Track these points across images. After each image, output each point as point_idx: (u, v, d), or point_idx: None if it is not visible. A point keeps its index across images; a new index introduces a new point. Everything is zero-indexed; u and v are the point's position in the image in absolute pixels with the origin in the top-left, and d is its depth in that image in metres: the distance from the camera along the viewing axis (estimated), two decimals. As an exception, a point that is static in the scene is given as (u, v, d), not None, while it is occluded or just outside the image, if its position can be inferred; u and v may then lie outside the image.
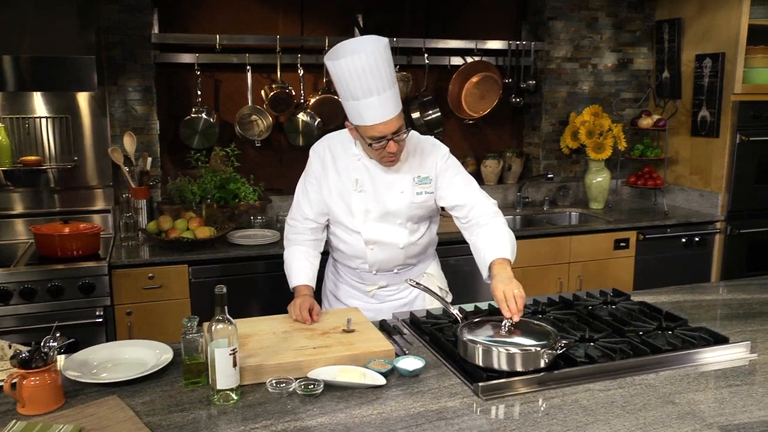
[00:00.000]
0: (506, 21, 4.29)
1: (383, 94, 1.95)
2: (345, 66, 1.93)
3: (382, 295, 2.34)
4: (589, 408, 1.57)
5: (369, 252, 2.23)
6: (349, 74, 1.93)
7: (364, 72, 1.92)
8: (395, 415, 1.53)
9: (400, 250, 2.24)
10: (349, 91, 1.97)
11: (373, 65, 1.92)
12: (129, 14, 3.39)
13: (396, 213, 2.19)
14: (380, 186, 2.17)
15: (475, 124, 4.25)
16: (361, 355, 1.77)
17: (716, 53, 3.88)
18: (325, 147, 2.24)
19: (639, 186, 4.24)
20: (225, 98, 3.78)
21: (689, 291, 2.48)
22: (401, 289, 2.35)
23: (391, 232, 2.21)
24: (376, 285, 2.32)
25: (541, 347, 1.73)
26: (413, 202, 2.19)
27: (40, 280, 2.83)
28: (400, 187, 2.17)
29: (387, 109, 1.97)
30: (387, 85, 1.95)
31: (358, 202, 2.18)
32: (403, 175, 2.18)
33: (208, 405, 1.59)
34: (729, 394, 1.64)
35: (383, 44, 1.95)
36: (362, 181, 2.17)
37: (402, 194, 2.17)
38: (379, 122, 1.97)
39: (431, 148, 2.22)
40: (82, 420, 1.50)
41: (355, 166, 2.18)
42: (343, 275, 2.39)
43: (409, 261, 2.31)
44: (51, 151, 3.38)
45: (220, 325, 1.58)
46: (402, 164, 2.17)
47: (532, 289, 3.55)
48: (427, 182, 2.19)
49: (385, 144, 2.02)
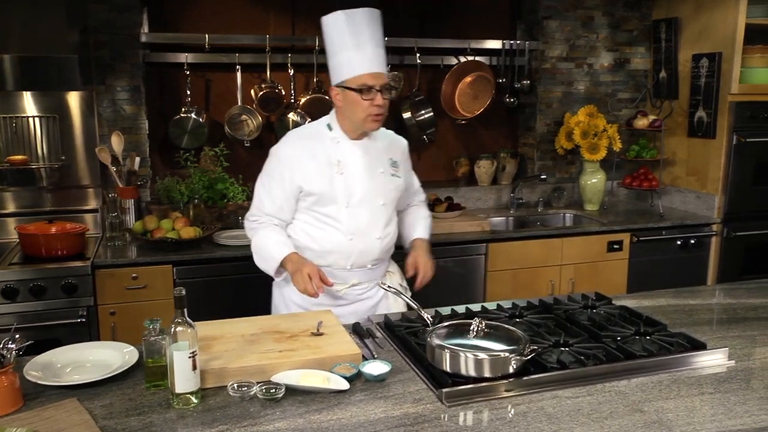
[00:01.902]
0: (501, 20, 4.25)
1: (376, 49, 2.10)
2: (343, 16, 2.09)
3: (352, 294, 2.31)
4: (554, 415, 1.53)
5: (348, 243, 2.22)
6: (346, 24, 2.08)
7: (360, 24, 2.09)
8: (354, 421, 1.50)
9: (377, 240, 2.26)
10: (344, 42, 2.09)
11: (369, 21, 2.11)
12: (118, 14, 3.39)
13: (378, 193, 2.24)
14: (362, 166, 2.22)
15: (469, 125, 4.21)
16: (327, 359, 1.74)
17: (713, 53, 3.82)
18: (294, 139, 2.27)
19: (634, 187, 4.18)
20: (215, 98, 3.76)
21: (674, 295, 2.44)
22: (370, 288, 2.33)
23: (370, 220, 2.24)
24: (349, 283, 2.28)
25: (509, 353, 1.69)
26: (390, 182, 2.29)
27: (22, 279, 2.83)
28: (380, 166, 2.27)
29: (379, 62, 2.11)
30: (380, 43, 2.12)
31: (341, 184, 2.20)
32: (380, 154, 2.28)
33: (167, 408, 1.57)
34: (700, 402, 1.60)
35: (378, 13, 2.16)
36: (344, 163, 2.21)
37: (382, 173, 2.27)
38: (372, 71, 2.08)
39: (395, 136, 2.40)
40: (38, 423, 1.48)
41: (334, 149, 2.21)
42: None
43: (382, 255, 2.32)
44: (39, 151, 3.37)
45: (180, 327, 1.56)
46: (377, 145, 2.27)
47: (522, 292, 3.55)
48: (397, 166, 2.33)
49: (374, 96, 2.09)
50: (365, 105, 2.10)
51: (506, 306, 2.24)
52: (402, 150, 2.39)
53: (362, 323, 2.11)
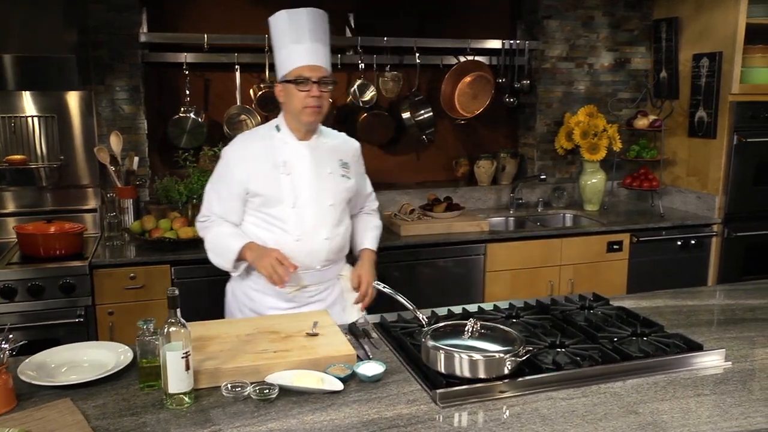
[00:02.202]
0: (501, 20, 4.25)
1: (317, 44, 2.14)
2: (285, 14, 2.15)
3: (303, 297, 2.28)
4: (548, 417, 1.52)
5: (295, 244, 2.20)
6: (287, 22, 2.14)
7: (301, 21, 2.14)
8: (347, 422, 1.50)
9: (325, 241, 2.24)
10: (284, 38, 2.14)
11: (311, 19, 2.15)
12: (117, 13, 3.39)
13: (326, 194, 2.24)
14: (309, 167, 2.23)
15: (468, 125, 4.20)
16: (321, 360, 1.74)
17: (713, 53, 3.81)
18: (242, 141, 2.29)
19: (635, 188, 4.17)
20: (214, 98, 3.76)
21: (672, 296, 2.42)
22: (321, 290, 2.31)
23: (317, 220, 2.23)
24: (298, 285, 2.26)
25: (504, 353, 1.69)
26: (340, 183, 2.28)
27: (20, 279, 2.83)
28: (328, 167, 2.27)
29: (318, 57, 2.14)
30: (322, 40, 2.16)
31: (287, 185, 2.19)
32: (329, 155, 2.28)
33: (160, 409, 1.57)
34: (695, 404, 1.59)
35: (321, 12, 2.20)
36: (290, 164, 2.21)
37: (330, 174, 2.27)
38: (309, 63, 2.12)
39: (348, 139, 2.41)
40: (30, 423, 1.48)
41: (282, 150, 2.22)
42: (258, 282, 2.28)
43: (331, 256, 2.30)
44: (38, 150, 3.38)
45: (173, 327, 1.56)
46: (325, 146, 2.28)
47: (522, 292, 3.54)
48: (347, 167, 2.33)
49: (310, 87, 2.11)
50: (301, 96, 2.12)
51: (503, 307, 2.23)
52: (353, 152, 2.39)
53: (358, 323, 2.11)
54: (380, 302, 2.28)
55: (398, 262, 3.40)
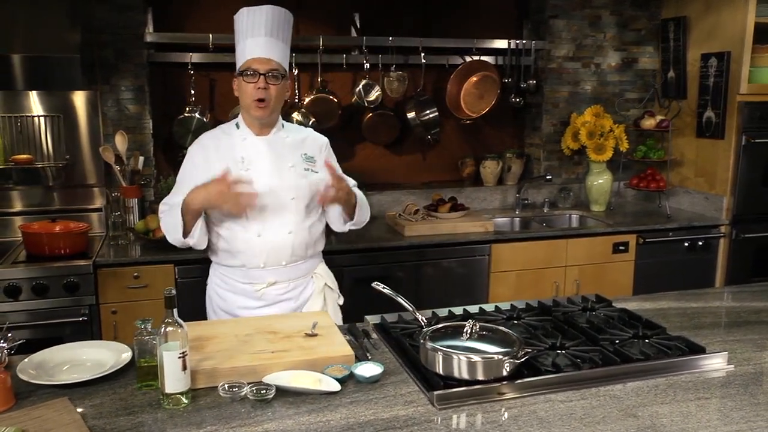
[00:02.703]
0: (507, 20, 4.23)
1: (270, 38, 2.13)
2: (246, 11, 2.15)
3: (272, 294, 2.25)
4: (545, 419, 1.51)
5: (256, 240, 2.17)
6: (246, 17, 2.14)
7: (260, 17, 2.14)
8: (343, 423, 1.49)
9: (288, 235, 2.21)
10: (241, 33, 2.15)
11: (270, 16, 2.15)
12: (122, 14, 3.40)
13: (287, 188, 2.20)
14: (268, 161, 2.21)
15: (474, 125, 4.19)
16: (319, 360, 1.73)
17: (722, 52, 3.77)
18: (205, 139, 2.28)
19: (641, 188, 4.14)
20: (219, 97, 3.77)
21: (676, 298, 2.40)
22: (291, 288, 2.28)
23: (279, 215, 2.19)
24: (265, 282, 2.23)
25: (503, 355, 1.68)
26: (303, 177, 2.23)
27: (25, 278, 2.85)
28: (289, 161, 2.24)
29: (270, 50, 2.14)
30: (277, 35, 2.15)
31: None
32: (290, 149, 2.26)
33: (157, 408, 1.57)
34: (696, 407, 1.57)
35: (283, 11, 2.19)
36: (248, 159, 2.20)
37: (292, 168, 2.23)
38: (259, 56, 2.12)
39: (313, 133, 2.38)
40: (27, 422, 1.48)
41: (241, 146, 2.21)
42: (227, 281, 2.28)
43: (298, 252, 2.25)
44: (44, 150, 3.39)
45: (170, 327, 1.56)
46: (286, 140, 2.26)
47: (526, 293, 3.53)
48: (312, 161, 2.29)
49: (257, 79, 2.10)
50: (249, 89, 2.12)
51: (504, 308, 2.22)
52: (320, 146, 2.34)
53: (357, 324, 2.10)
54: (381, 303, 2.26)
55: (402, 263, 3.39)
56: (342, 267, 3.22)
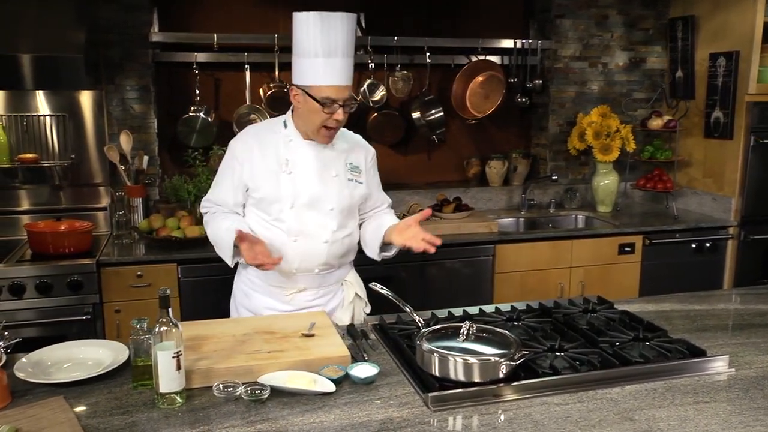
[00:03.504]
0: (513, 19, 4.20)
1: (346, 59, 2.01)
2: (318, 19, 1.97)
3: (301, 300, 2.23)
4: (540, 422, 1.50)
5: (292, 245, 2.13)
6: (320, 28, 1.97)
7: (335, 29, 1.98)
8: (336, 424, 1.48)
9: (324, 244, 2.16)
10: (314, 47, 1.99)
11: (344, 27, 2.00)
12: (128, 13, 3.41)
13: (328, 197, 2.14)
14: (312, 168, 2.13)
15: (480, 125, 4.17)
16: (315, 361, 1.73)
17: (730, 52, 3.73)
18: (249, 134, 2.21)
19: (648, 189, 4.11)
20: (224, 97, 3.78)
21: (679, 300, 2.38)
22: (320, 295, 2.24)
23: (317, 222, 2.14)
24: (296, 288, 2.21)
25: (499, 357, 1.66)
26: (346, 188, 2.17)
27: (29, 276, 2.86)
28: (334, 170, 2.16)
29: (346, 75, 2.03)
30: (350, 53, 2.03)
31: (287, 184, 2.11)
32: (336, 157, 2.18)
33: (152, 408, 1.57)
34: (694, 411, 1.55)
35: (353, 17, 2.04)
36: (293, 162, 2.12)
37: (336, 177, 2.16)
38: (337, 84, 2.00)
39: (361, 142, 2.29)
40: (22, 420, 1.49)
41: (285, 147, 2.14)
42: (257, 282, 2.25)
43: (331, 261, 2.21)
44: (50, 149, 3.41)
45: (164, 327, 1.56)
46: (334, 147, 2.17)
47: (531, 294, 3.51)
48: (357, 171, 2.22)
49: (335, 109, 2.01)
50: (324, 117, 2.03)
51: (504, 309, 2.21)
52: (368, 157, 2.27)
53: (357, 325, 2.10)
54: (381, 303, 2.25)
55: (406, 263, 3.37)
56: (345, 267, 3.21)
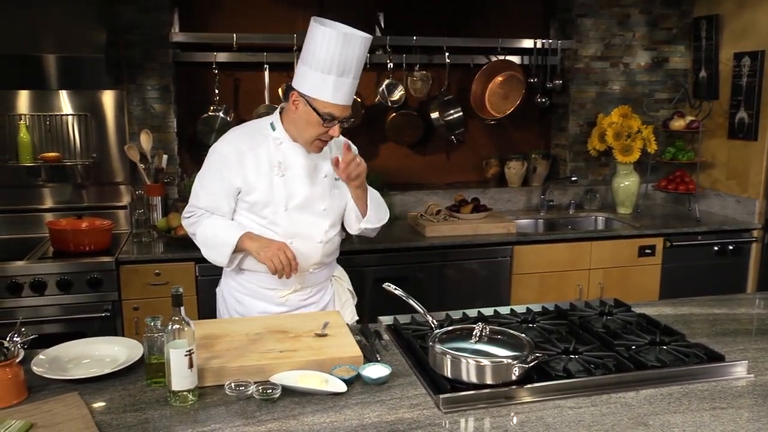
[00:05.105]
0: (533, 19, 4.17)
1: (355, 81, 2.07)
2: (337, 37, 1.98)
3: (295, 300, 2.24)
4: (552, 426, 1.48)
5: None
6: (336, 46, 1.98)
7: (352, 51, 2.01)
8: (346, 425, 1.48)
9: (318, 244, 2.19)
10: (330, 64, 2.00)
11: (359, 52, 2.03)
12: (148, 14, 3.44)
13: (320, 198, 2.18)
14: (303, 169, 2.16)
15: (499, 125, 4.15)
16: (327, 361, 1.73)
17: (755, 51, 3.67)
18: (237, 137, 2.16)
19: (670, 191, 4.05)
20: (243, 96, 3.80)
21: (699, 304, 2.34)
22: (313, 293, 2.27)
23: (311, 223, 2.17)
24: (291, 288, 2.21)
25: (512, 359, 1.65)
26: (335, 187, 2.22)
27: (50, 273, 2.91)
28: (323, 171, 2.20)
29: (351, 95, 2.09)
30: (359, 74, 2.08)
31: (280, 186, 2.12)
32: (323, 158, 2.20)
33: (164, 405, 1.58)
34: (710, 417, 1.52)
35: (370, 39, 2.07)
36: (285, 165, 2.14)
37: (325, 178, 2.20)
38: (343, 104, 2.05)
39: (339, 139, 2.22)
40: (37, 415, 1.51)
41: (276, 150, 2.14)
42: (248, 286, 2.24)
43: (324, 259, 2.25)
44: (72, 148, 3.46)
45: (177, 325, 1.57)
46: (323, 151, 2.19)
47: (549, 295, 3.48)
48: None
49: (334, 125, 2.06)
50: (321, 131, 2.06)
51: (520, 311, 2.19)
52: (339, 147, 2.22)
53: (370, 325, 2.10)
54: (395, 304, 2.25)
55: (423, 263, 3.37)
56: (363, 267, 3.22)
